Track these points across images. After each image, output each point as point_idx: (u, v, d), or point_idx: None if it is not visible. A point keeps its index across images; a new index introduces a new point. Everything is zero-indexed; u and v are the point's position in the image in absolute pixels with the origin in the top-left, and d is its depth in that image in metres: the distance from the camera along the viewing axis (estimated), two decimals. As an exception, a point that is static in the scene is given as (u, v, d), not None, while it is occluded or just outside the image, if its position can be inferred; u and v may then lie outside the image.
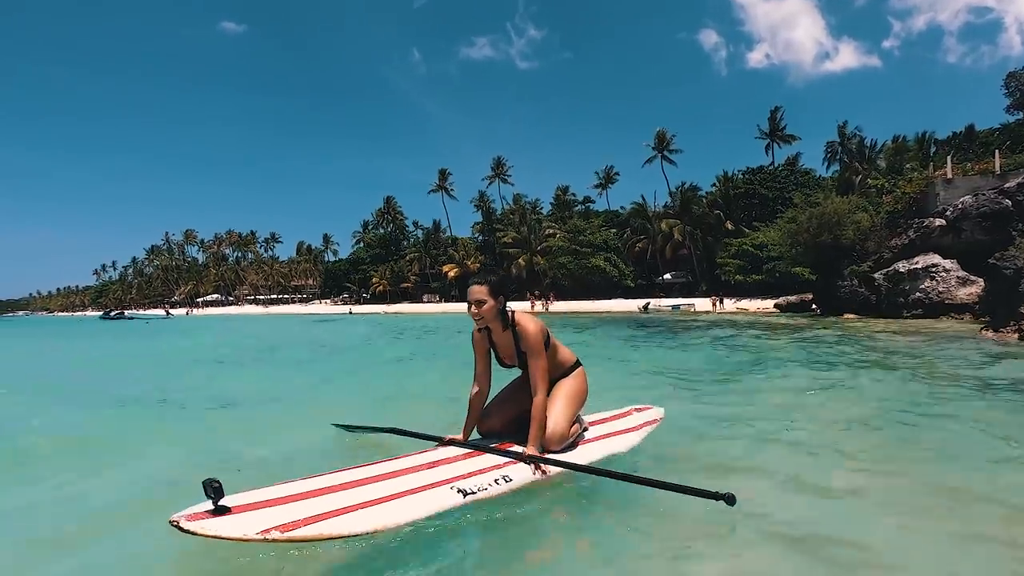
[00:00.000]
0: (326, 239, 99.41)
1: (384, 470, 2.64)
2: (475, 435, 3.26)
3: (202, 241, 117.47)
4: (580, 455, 3.06)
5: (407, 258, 72.17)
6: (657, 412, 4.01)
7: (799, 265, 27.28)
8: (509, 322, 3.10)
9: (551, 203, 70.79)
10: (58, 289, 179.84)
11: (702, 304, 38.39)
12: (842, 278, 21.84)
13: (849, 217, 22.32)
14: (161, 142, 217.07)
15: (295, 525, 1.97)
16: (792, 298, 29.83)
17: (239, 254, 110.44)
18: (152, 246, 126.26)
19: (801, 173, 50.01)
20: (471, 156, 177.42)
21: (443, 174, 74.60)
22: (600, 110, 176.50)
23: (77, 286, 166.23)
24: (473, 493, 2.50)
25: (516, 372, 3.33)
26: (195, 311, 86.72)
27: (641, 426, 3.67)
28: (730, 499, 2.28)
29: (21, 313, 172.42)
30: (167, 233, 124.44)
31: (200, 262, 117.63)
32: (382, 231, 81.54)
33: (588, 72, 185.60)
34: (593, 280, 52.49)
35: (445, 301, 64.52)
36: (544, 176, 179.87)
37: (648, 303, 39.55)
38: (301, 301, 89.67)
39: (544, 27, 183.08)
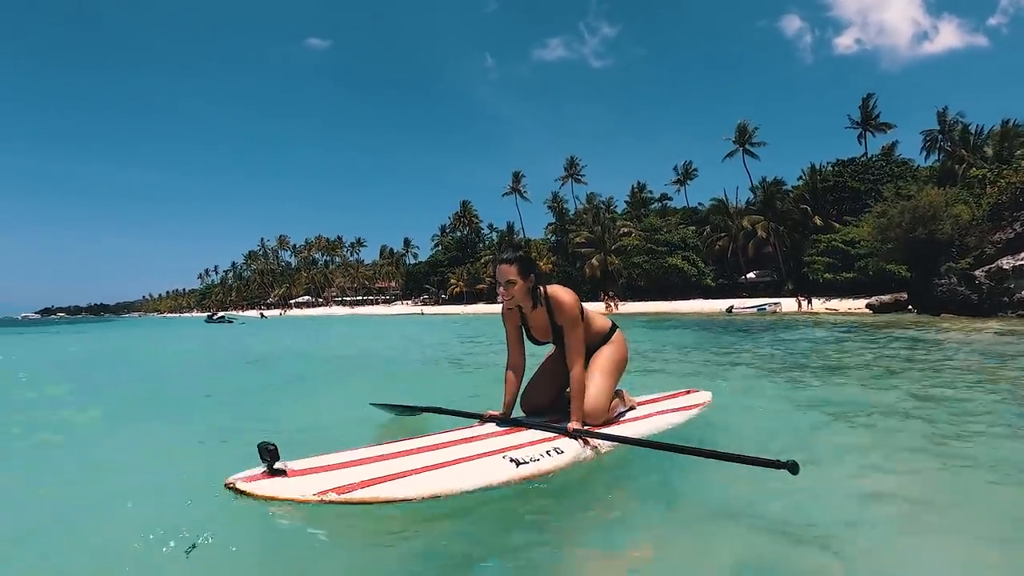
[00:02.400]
0: (406, 243, 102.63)
1: (433, 441, 2.63)
2: (518, 412, 3.21)
3: (294, 246, 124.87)
4: (627, 431, 2.99)
5: (482, 260, 73.26)
6: (705, 395, 3.97)
7: (890, 262, 25.41)
8: (542, 299, 3.00)
9: (626, 201, 69.79)
10: (167, 292, 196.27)
11: (788, 304, 36.55)
12: (939, 276, 20.18)
13: (946, 210, 20.59)
14: (257, 154, 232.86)
15: (352, 488, 1.96)
16: (886, 297, 27.82)
17: (327, 258, 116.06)
18: (249, 251, 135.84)
19: (897, 163, 46.55)
20: (545, 157, 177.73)
21: (516, 176, 75.22)
22: (677, 105, 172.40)
23: (184, 289, 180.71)
24: (526, 463, 2.45)
25: (548, 349, 3.24)
26: (287, 312, 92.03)
27: (689, 407, 3.63)
28: (793, 467, 2.18)
29: (136, 315, 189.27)
30: (263, 239, 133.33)
31: (292, 266, 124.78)
32: (458, 234, 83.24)
33: (664, 67, 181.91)
34: (670, 280, 51.17)
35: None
36: (619, 174, 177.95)
37: (732, 305, 38.05)
38: (384, 302, 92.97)
39: (618, 24, 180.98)
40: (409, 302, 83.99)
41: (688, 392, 4.05)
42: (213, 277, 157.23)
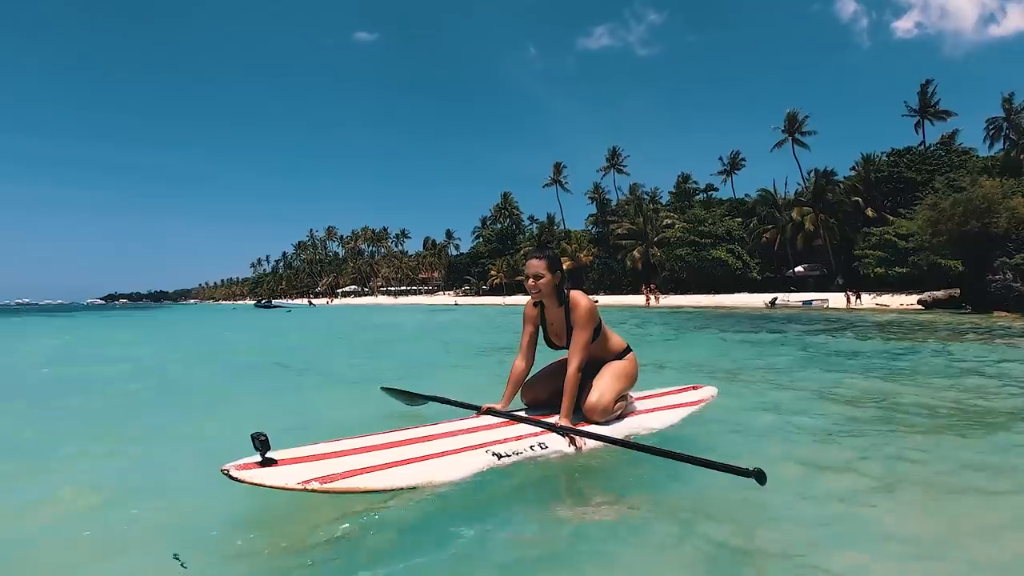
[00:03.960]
0: (448, 234, 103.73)
1: (422, 433, 2.76)
2: (518, 405, 3.33)
3: (341, 237, 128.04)
4: (618, 427, 3.11)
5: (521, 251, 73.29)
6: (709, 391, 3.99)
7: (940, 256, 24.22)
8: (564, 299, 3.15)
9: (670, 192, 68.59)
10: (222, 280, 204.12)
11: (837, 300, 35.33)
12: (994, 272, 19.17)
13: (1002, 203, 19.46)
14: (306, 147, 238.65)
15: (334, 478, 2.11)
16: (939, 293, 26.59)
17: (373, 249, 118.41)
18: (299, 242, 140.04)
19: (958, 153, 44.16)
20: (587, 148, 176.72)
21: (557, 168, 74.83)
22: (725, 93, 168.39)
23: (237, 277, 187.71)
24: (508, 456, 2.59)
25: (563, 353, 3.34)
26: (334, 301, 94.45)
27: (688, 404, 3.69)
28: (760, 476, 2.22)
29: (192, 301, 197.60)
30: (311, 230, 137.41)
31: (339, 256, 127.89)
32: (499, 226, 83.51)
33: (712, 54, 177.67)
34: (714, 273, 50.08)
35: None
36: (664, 165, 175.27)
37: (775, 298, 37.04)
38: (427, 293, 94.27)
39: (665, 10, 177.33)
40: (451, 293, 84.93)
41: (693, 388, 4.06)
42: (265, 266, 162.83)
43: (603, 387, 3.13)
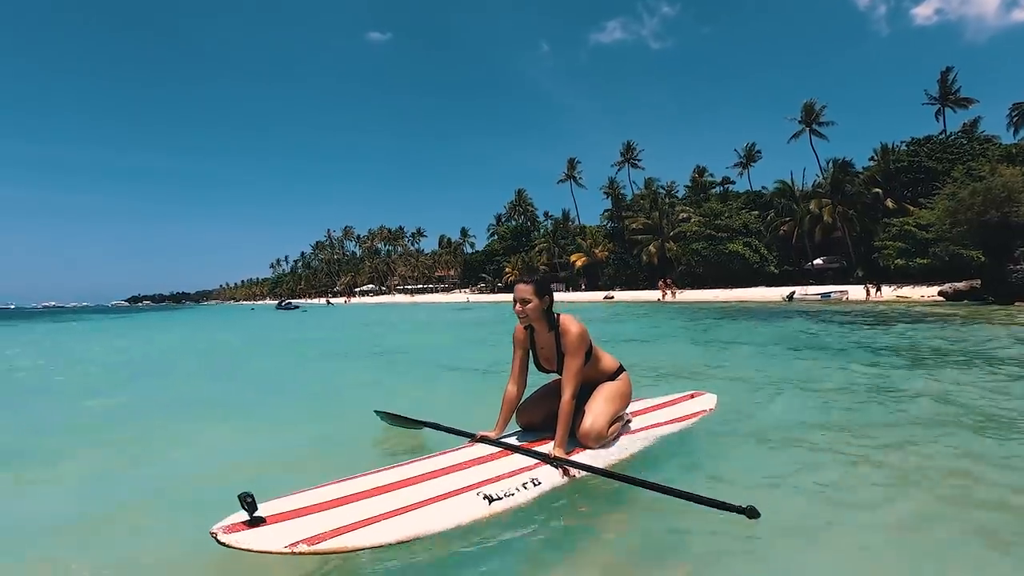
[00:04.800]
0: (463, 232, 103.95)
1: (412, 472, 2.69)
2: (514, 426, 3.31)
3: (358, 236, 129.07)
4: (613, 452, 3.09)
5: (536, 248, 73.25)
6: (709, 400, 3.94)
7: (961, 247, 23.72)
8: (554, 323, 3.12)
9: (686, 186, 68.04)
10: (242, 281, 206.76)
11: (856, 292, 34.80)
12: (1015, 261, 18.75)
13: (1023, 191, 19.03)
14: (322, 147, 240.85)
15: (322, 538, 2.07)
16: (960, 284, 26.05)
17: (390, 248, 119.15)
18: (317, 241, 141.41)
19: (980, 141, 43.20)
20: (601, 143, 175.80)
21: (571, 163, 74.61)
22: (741, 85, 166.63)
23: (257, 278, 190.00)
24: (499, 499, 2.51)
25: (555, 376, 3.32)
26: (352, 300, 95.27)
27: (686, 417, 3.65)
28: (752, 512, 2.20)
29: (214, 302, 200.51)
30: (329, 230, 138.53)
31: (357, 255, 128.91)
32: (514, 223, 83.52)
33: (727, 45, 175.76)
34: (731, 267, 49.62)
35: (573, 290, 64.61)
36: (679, 158, 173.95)
37: (793, 292, 36.57)
38: (443, 291, 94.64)
39: (678, 3, 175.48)
40: (467, 290, 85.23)
41: (692, 396, 3.98)
42: (284, 267, 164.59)
43: (596, 411, 3.09)
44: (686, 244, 53.39)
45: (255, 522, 2.10)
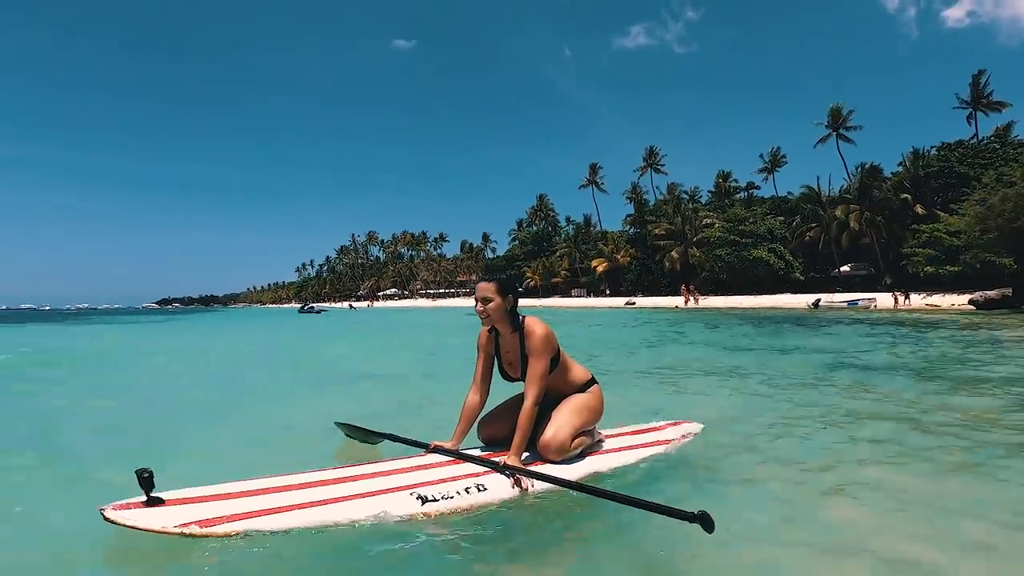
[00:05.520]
0: (485, 237, 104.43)
1: (347, 474, 2.56)
2: (473, 443, 3.08)
3: (382, 241, 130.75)
4: (575, 468, 2.85)
5: (557, 253, 73.10)
6: (693, 427, 3.65)
7: (991, 254, 23.07)
8: (519, 324, 2.93)
9: (710, 191, 67.44)
10: (269, 284, 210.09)
11: (884, 300, 34.10)
12: (1049, 271, 18.22)
13: (1057, 198, 18.49)
14: (347, 153, 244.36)
15: (217, 521, 1.97)
16: (992, 293, 25.35)
17: (412, 253, 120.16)
18: (341, 246, 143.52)
19: (1014, 145, 42.02)
20: (624, 148, 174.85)
21: (593, 168, 74.43)
22: (766, 89, 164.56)
23: (283, 282, 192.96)
24: (434, 500, 2.36)
25: (519, 387, 3.06)
26: (375, 304, 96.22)
27: (663, 442, 3.37)
28: (705, 521, 2.02)
29: (241, 305, 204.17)
30: (353, 235, 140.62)
31: (380, 260, 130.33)
32: (535, 228, 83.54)
33: (752, 49, 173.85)
34: (755, 273, 48.98)
35: (593, 296, 64.35)
36: (703, 164, 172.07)
37: (819, 299, 35.94)
38: (465, 295, 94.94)
39: (702, 7, 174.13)
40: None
41: (674, 424, 3.66)
42: (309, 271, 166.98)
43: (559, 422, 2.88)
44: (709, 250, 52.87)
45: (152, 503, 2.00)
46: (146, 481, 1.97)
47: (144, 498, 1.99)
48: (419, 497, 2.35)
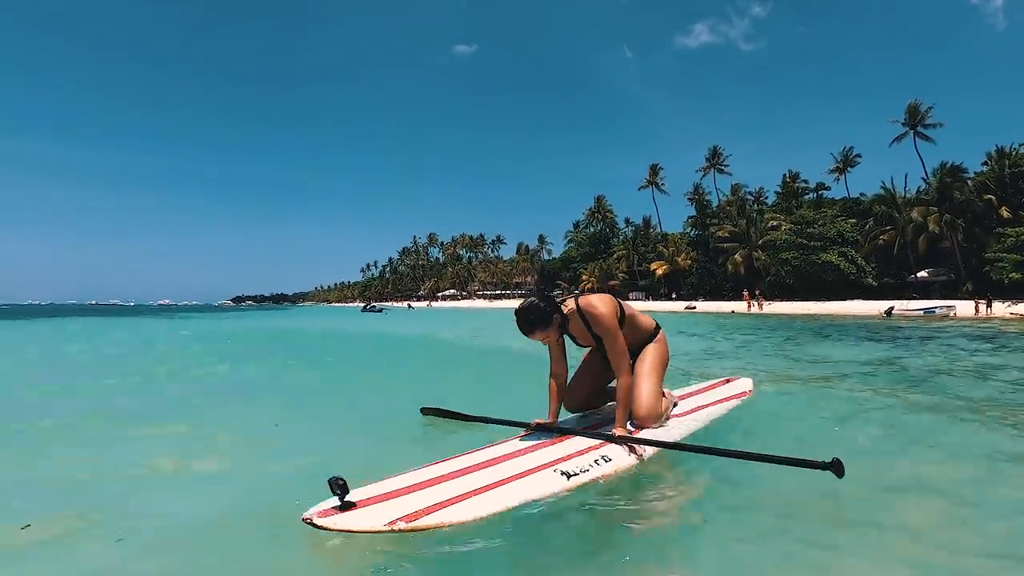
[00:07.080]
0: (541, 239, 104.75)
1: (485, 457, 2.69)
2: (564, 414, 3.34)
3: (442, 243, 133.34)
4: (673, 431, 3.11)
5: (615, 256, 72.39)
6: (745, 383, 4.04)
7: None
8: (580, 313, 3.10)
9: (776, 192, 65.26)
10: (335, 284, 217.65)
11: (965, 308, 32.25)
12: None
13: None
14: (410, 157, 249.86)
15: (418, 515, 2.09)
16: (1086, 302, 23.73)
17: (471, 254, 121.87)
18: (404, 247, 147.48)
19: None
20: (686, 148, 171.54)
21: (653, 169, 73.21)
22: (838, 86, 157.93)
23: (348, 281, 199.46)
24: (576, 475, 2.53)
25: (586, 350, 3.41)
26: (433, 304, 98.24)
27: (728, 398, 3.80)
28: (838, 467, 2.12)
29: (309, 303, 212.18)
30: (415, 236, 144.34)
31: (440, 261, 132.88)
32: (592, 229, 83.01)
33: (823, 45, 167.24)
34: (824, 278, 47.13)
35: (653, 299, 63.37)
36: (770, 163, 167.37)
37: (892, 307, 34.22)
38: (521, 297, 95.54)
39: (770, 2, 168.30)
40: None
41: (728, 381, 4.08)
42: (373, 271, 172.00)
43: (646, 393, 3.13)
44: (775, 253, 51.17)
45: (347, 507, 2.10)
46: (341, 488, 2.08)
47: (338, 503, 2.11)
48: (563, 473, 2.53)
